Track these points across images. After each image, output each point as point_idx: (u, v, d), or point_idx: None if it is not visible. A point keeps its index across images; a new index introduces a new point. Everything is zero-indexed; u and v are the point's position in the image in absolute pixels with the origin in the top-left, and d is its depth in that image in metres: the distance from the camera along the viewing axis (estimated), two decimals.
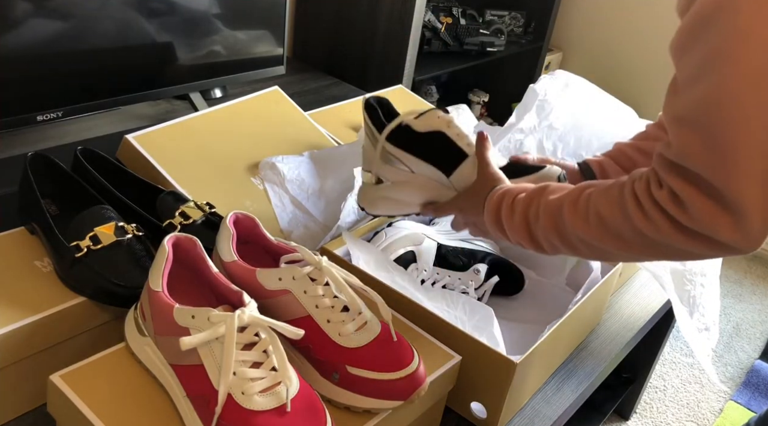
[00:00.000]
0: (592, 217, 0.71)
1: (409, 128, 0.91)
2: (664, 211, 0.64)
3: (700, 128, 0.61)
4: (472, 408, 0.85)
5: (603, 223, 0.71)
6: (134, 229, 0.82)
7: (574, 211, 0.73)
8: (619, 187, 0.70)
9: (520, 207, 0.79)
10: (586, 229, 0.72)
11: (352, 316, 0.71)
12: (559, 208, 0.75)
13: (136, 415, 0.65)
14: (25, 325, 0.72)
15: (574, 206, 0.73)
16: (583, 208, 0.73)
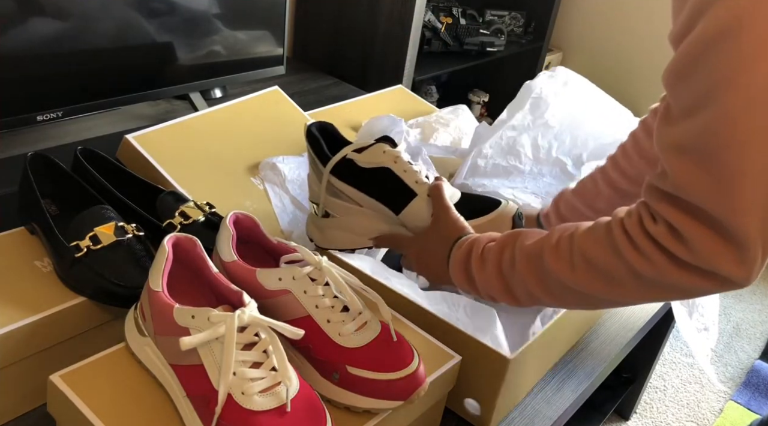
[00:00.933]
0: (578, 261, 0.67)
1: (353, 163, 0.87)
2: (661, 246, 0.61)
3: (700, 158, 0.57)
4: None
5: (591, 266, 0.66)
6: (134, 229, 0.82)
7: (557, 256, 0.68)
8: (604, 227, 0.66)
9: (491, 256, 0.75)
10: (571, 274, 0.67)
11: (352, 316, 0.71)
12: (538, 254, 0.70)
13: (136, 415, 0.65)
14: (25, 325, 0.72)
15: (555, 250, 0.69)
16: (566, 251, 0.68)
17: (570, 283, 0.68)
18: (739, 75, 0.54)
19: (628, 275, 0.64)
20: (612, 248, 0.64)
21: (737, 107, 0.55)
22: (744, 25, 0.54)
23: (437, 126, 1.34)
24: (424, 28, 2.04)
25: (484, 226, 0.90)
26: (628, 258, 0.63)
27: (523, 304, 0.75)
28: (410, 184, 0.86)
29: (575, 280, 0.67)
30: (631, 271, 0.63)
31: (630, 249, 0.63)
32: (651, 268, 0.62)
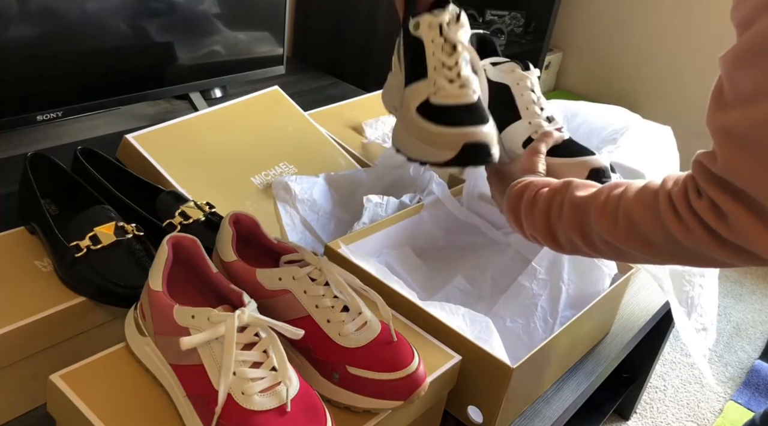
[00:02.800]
0: (622, 220, 0.69)
1: None
2: (703, 221, 0.63)
3: (752, 147, 0.58)
4: (468, 412, 0.85)
5: (633, 227, 0.68)
6: (134, 229, 0.82)
7: (603, 212, 0.71)
8: (652, 192, 0.68)
9: (542, 201, 0.77)
10: (614, 232, 0.70)
11: (352, 316, 0.71)
12: (585, 207, 0.73)
13: (136, 415, 0.65)
14: (25, 325, 0.72)
15: (603, 207, 0.71)
16: (612, 209, 0.70)
17: (610, 238, 0.71)
18: None
19: (667, 241, 0.66)
20: (655, 214, 0.67)
21: None
22: None
23: None
24: None
25: (562, 167, 0.88)
26: (670, 226, 0.65)
27: (565, 251, 0.78)
28: (520, 108, 0.86)
29: (617, 238, 0.70)
30: (670, 238, 0.66)
31: (673, 218, 0.65)
32: (691, 239, 0.64)
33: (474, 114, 0.81)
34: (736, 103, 0.60)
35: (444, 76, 0.81)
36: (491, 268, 1.08)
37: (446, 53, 0.81)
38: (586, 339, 1.00)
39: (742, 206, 0.60)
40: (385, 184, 1.15)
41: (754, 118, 0.58)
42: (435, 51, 0.81)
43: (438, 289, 1.05)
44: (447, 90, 0.80)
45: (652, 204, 0.67)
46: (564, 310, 0.97)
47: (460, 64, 0.82)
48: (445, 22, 0.82)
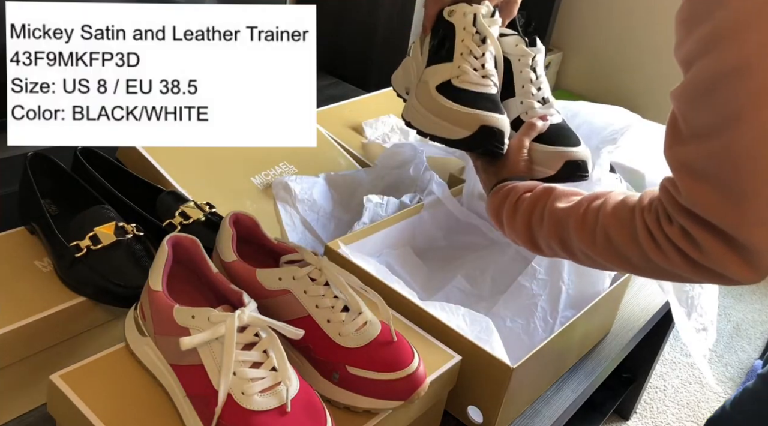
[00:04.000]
0: (600, 236, 0.71)
1: None
2: (677, 246, 0.64)
3: (712, 180, 0.60)
4: (468, 412, 0.85)
5: (611, 245, 0.70)
6: (134, 229, 0.82)
7: (582, 227, 0.73)
8: (629, 209, 0.69)
9: (523, 209, 0.79)
10: (592, 246, 0.72)
11: (352, 316, 0.71)
12: (565, 219, 0.75)
13: (136, 415, 0.65)
14: (25, 325, 0.72)
15: (582, 222, 0.73)
16: (591, 224, 0.72)
17: (589, 252, 0.73)
18: (749, 112, 0.57)
19: (642, 260, 0.68)
20: (632, 235, 0.68)
21: (748, 141, 0.57)
22: (753, 66, 0.56)
23: None
24: None
25: (539, 154, 0.89)
26: (646, 248, 0.67)
27: (545, 254, 0.80)
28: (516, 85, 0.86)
29: (595, 252, 0.72)
30: (645, 259, 0.67)
31: (648, 241, 0.67)
32: (665, 261, 0.66)
33: (493, 103, 0.83)
34: (691, 139, 0.61)
35: (469, 64, 0.84)
36: (491, 268, 1.08)
37: (476, 43, 0.84)
38: (586, 339, 1.00)
39: (710, 234, 0.61)
40: (385, 184, 1.15)
41: (710, 151, 0.60)
42: (465, 38, 0.84)
43: (438, 289, 1.04)
44: (470, 76, 0.83)
45: (629, 223, 0.68)
46: (564, 310, 0.97)
47: (487, 56, 0.84)
48: (481, 13, 0.85)
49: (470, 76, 0.83)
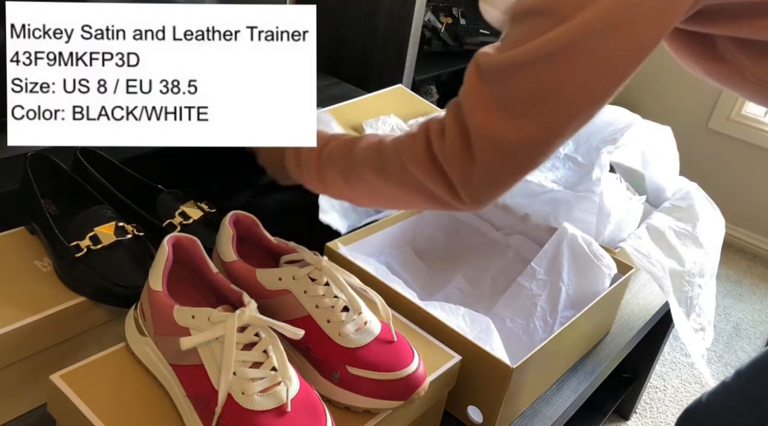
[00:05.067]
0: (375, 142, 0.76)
1: None
2: (428, 137, 0.71)
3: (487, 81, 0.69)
4: (468, 412, 0.85)
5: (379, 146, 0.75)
6: (134, 229, 0.82)
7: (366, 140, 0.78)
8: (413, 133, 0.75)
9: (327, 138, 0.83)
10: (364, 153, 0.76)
11: (352, 316, 0.71)
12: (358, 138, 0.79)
13: (136, 415, 0.65)
14: (25, 325, 0.72)
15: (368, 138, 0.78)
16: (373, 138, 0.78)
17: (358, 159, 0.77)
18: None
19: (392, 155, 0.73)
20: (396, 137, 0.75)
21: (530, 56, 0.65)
22: None
23: None
24: (424, 28, 2.04)
25: None
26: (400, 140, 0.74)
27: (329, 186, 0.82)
28: None
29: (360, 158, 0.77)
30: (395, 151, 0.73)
31: (406, 136, 0.74)
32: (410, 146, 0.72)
33: None
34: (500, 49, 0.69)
35: None
36: (491, 268, 1.08)
37: None
38: (586, 339, 1.00)
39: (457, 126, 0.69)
40: None
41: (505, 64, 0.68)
42: None
43: (438, 289, 1.05)
44: None
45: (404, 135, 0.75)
46: (564, 310, 0.97)
47: None
48: None
49: None
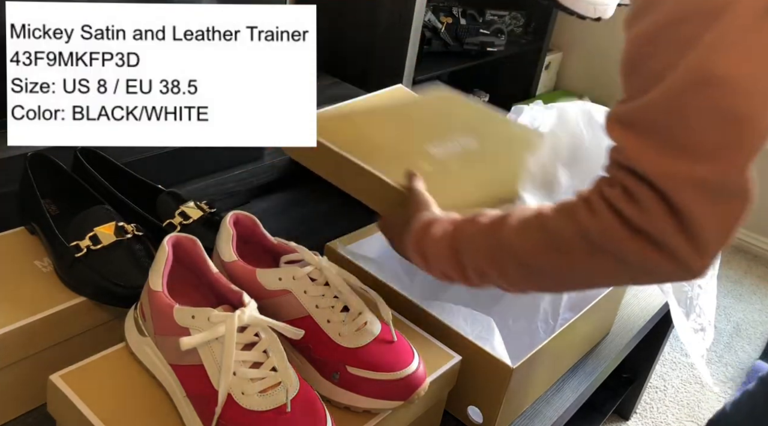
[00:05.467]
0: (533, 222, 0.67)
1: None
2: (615, 208, 0.61)
3: (649, 132, 0.60)
4: (468, 412, 0.85)
5: (545, 231, 0.66)
6: (134, 229, 0.82)
7: (516, 221, 0.69)
8: (566, 200, 0.67)
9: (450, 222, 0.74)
10: (524, 238, 0.67)
11: (352, 316, 0.71)
12: (501, 219, 0.70)
13: (136, 415, 0.65)
14: (25, 325, 0.72)
15: (514, 216, 0.69)
16: (521, 215, 0.69)
17: (521, 248, 0.67)
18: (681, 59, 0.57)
19: (576, 237, 0.64)
20: (567, 212, 0.65)
21: (681, 85, 0.58)
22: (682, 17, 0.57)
23: None
24: (424, 28, 2.04)
25: None
26: (580, 217, 0.63)
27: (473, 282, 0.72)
28: None
29: (526, 247, 0.67)
30: (579, 232, 0.63)
31: (584, 210, 0.63)
32: (601, 228, 0.62)
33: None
34: (631, 95, 0.62)
35: None
36: None
37: None
38: (586, 340, 1.00)
39: (650, 190, 0.60)
40: None
41: (644, 104, 0.60)
42: None
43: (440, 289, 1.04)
44: None
45: (565, 205, 0.66)
46: (565, 312, 0.97)
47: None
48: None
49: None
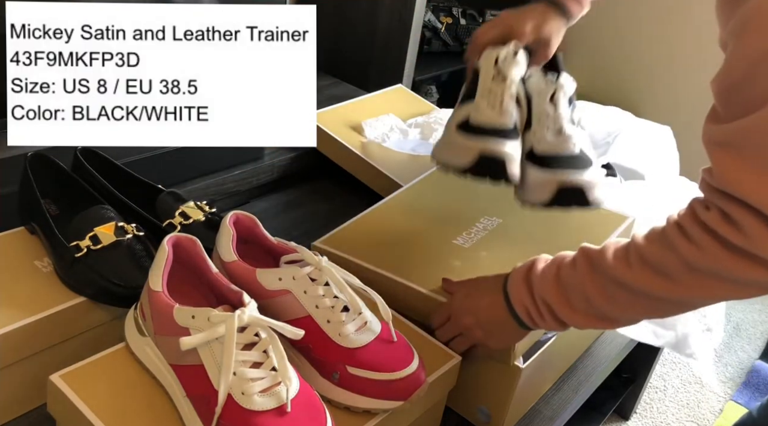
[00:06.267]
0: (634, 259, 0.67)
1: None
2: (714, 232, 0.61)
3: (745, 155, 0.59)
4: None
5: (645, 262, 0.66)
6: (134, 229, 0.82)
7: (615, 256, 0.69)
8: (660, 227, 0.67)
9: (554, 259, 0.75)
10: (628, 271, 0.67)
11: (352, 316, 0.71)
12: (597, 257, 0.70)
13: (136, 415, 0.65)
14: (25, 325, 0.72)
15: (614, 252, 0.69)
16: (622, 252, 0.69)
17: (626, 279, 0.68)
18: None
19: (681, 268, 0.64)
20: (665, 243, 0.65)
21: None
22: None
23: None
24: (424, 28, 2.04)
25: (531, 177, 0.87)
26: (681, 249, 0.63)
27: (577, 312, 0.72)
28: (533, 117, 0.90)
29: (632, 277, 0.67)
30: (684, 263, 0.64)
31: (682, 239, 0.63)
32: (703, 256, 0.62)
33: (503, 135, 0.84)
34: (728, 118, 0.60)
35: (487, 101, 0.87)
36: None
37: (496, 82, 0.88)
38: (586, 339, 1.01)
39: (749, 212, 0.59)
40: None
41: (743, 127, 0.59)
42: (486, 79, 0.88)
43: None
44: (486, 113, 0.86)
45: (660, 235, 0.66)
46: None
47: (505, 95, 0.87)
48: (501, 56, 0.90)
49: (486, 113, 0.86)
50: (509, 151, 0.84)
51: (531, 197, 0.87)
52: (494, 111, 0.86)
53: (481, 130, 0.85)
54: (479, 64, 0.91)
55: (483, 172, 0.83)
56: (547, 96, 0.90)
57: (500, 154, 0.83)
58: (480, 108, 0.86)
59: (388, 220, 1.01)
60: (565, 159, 0.87)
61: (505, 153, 0.83)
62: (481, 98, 0.87)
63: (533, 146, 0.89)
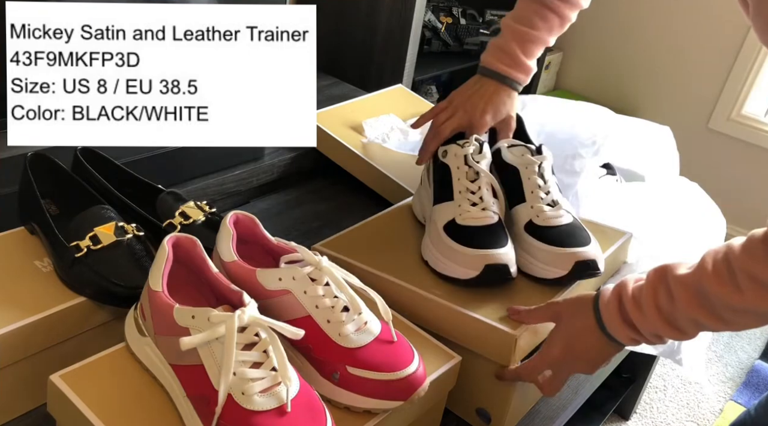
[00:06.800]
0: (743, 281, 0.65)
1: None
2: None
3: None
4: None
5: (758, 283, 0.64)
6: (134, 229, 0.82)
7: (718, 281, 0.67)
8: (761, 242, 0.65)
9: (645, 296, 0.73)
10: (740, 297, 0.66)
11: (352, 316, 0.71)
12: (696, 284, 0.69)
13: (136, 415, 0.65)
14: (25, 325, 0.72)
15: (715, 276, 0.67)
16: (726, 274, 0.67)
17: (740, 305, 0.66)
18: None
19: None
20: None
21: None
22: None
23: None
24: (424, 28, 2.04)
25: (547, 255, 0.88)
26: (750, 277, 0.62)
27: (691, 335, 0.72)
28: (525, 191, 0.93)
29: (745, 301, 0.66)
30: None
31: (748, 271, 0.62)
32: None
33: (495, 236, 0.88)
34: None
35: (468, 200, 0.90)
36: None
37: (470, 180, 0.92)
38: None
39: None
40: None
41: None
42: (460, 177, 0.92)
43: None
44: (471, 213, 0.89)
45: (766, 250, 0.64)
46: None
47: (483, 189, 0.91)
48: (469, 153, 0.93)
49: (471, 212, 0.89)
50: (508, 251, 0.86)
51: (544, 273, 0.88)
52: (477, 207, 0.89)
53: (473, 231, 0.88)
54: (448, 162, 0.94)
55: (489, 281, 0.85)
56: (534, 168, 0.94)
57: (503, 260, 0.85)
58: (463, 208, 0.89)
59: (390, 225, 1.02)
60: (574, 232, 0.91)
61: (506, 256, 0.85)
62: (461, 198, 0.90)
63: (532, 220, 0.91)
